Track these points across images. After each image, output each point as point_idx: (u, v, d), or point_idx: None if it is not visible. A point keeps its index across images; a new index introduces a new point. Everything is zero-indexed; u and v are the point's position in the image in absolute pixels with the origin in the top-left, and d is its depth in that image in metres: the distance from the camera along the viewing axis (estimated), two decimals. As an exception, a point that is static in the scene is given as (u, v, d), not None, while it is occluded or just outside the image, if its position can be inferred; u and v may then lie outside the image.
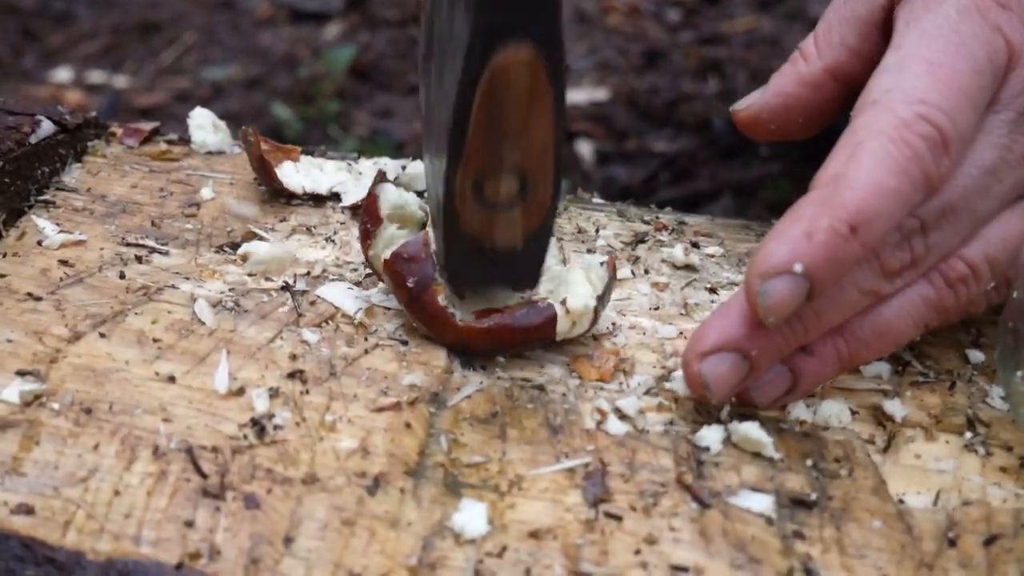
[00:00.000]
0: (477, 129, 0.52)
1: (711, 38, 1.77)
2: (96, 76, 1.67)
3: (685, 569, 0.49)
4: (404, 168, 0.70)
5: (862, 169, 0.52)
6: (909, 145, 0.52)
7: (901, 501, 0.53)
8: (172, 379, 0.56)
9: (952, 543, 0.51)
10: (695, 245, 0.69)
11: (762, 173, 1.40)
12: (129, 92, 1.64)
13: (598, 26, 1.85)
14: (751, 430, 0.54)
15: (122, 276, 0.62)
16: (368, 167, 0.71)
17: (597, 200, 0.75)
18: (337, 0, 1.90)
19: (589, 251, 0.68)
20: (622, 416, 0.56)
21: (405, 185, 0.68)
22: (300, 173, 0.70)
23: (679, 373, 0.59)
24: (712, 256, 0.69)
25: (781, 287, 0.51)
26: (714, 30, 1.81)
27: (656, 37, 1.80)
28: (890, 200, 0.52)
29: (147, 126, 0.74)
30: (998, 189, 0.57)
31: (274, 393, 0.55)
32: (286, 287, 0.62)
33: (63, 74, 1.66)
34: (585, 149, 1.49)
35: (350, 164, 0.72)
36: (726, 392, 0.53)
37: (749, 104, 0.64)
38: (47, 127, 0.68)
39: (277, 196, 0.70)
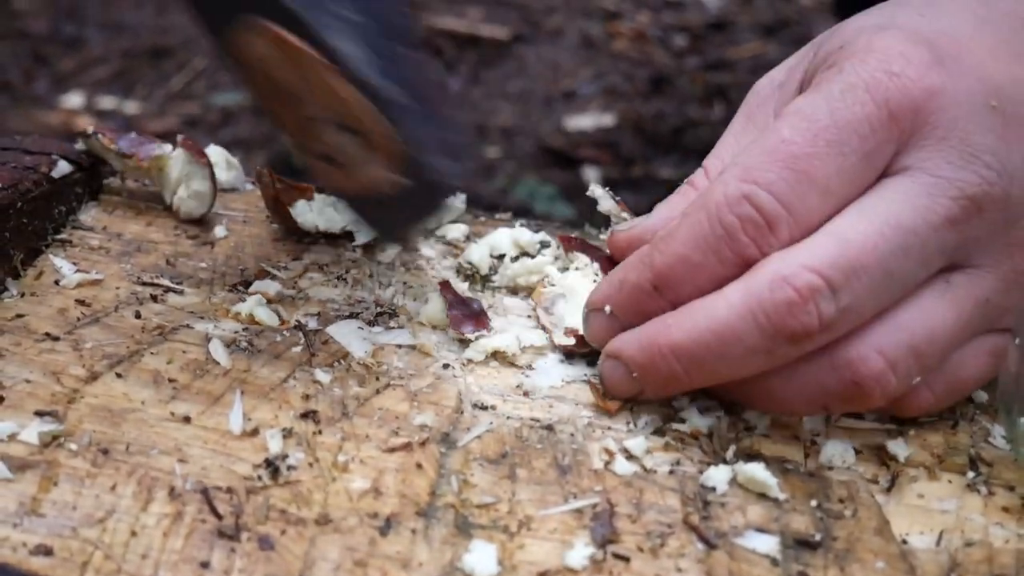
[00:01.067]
0: (266, 103, 0.56)
1: (717, 64, 1.78)
2: (107, 102, 1.69)
3: (692, 610, 0.50)
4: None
5: (675, 240, 0.57)
6: (723, 224, 0.55)
7: (904, 541, 0.54)
8: (187, 419, 0.57)
9: (955, 584, 0.52)
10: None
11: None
12: (139, 118, 1.65)
13: (604, 52, 1.87)
14: (756, 471, 0.55)
15: (138, 316, 0.63)
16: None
17: (603, 236, 0.76)
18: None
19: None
20: (629, 456, 0.57)
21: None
22: (314, 212, 0.71)
23: (686, 413, 0.60)
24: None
25: (596, 321, 0.61)
26: (720, 56, 1.82)
27: (662, 63, 1.82)
28: (694, 271, 0.56)
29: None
30: (919, 252, 0.55)
31: (287, 433, 0.56)
32: (299, 326, 0.63)
33: (75, 99, 1.68)
34: (592, 176, 1.50)
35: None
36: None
37: (631, 227, 0.64)
38: (64, 166, 0.69)
39: (290, 234, 0.71)
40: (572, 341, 0.63)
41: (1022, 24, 0.60)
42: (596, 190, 0.70)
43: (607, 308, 0.60)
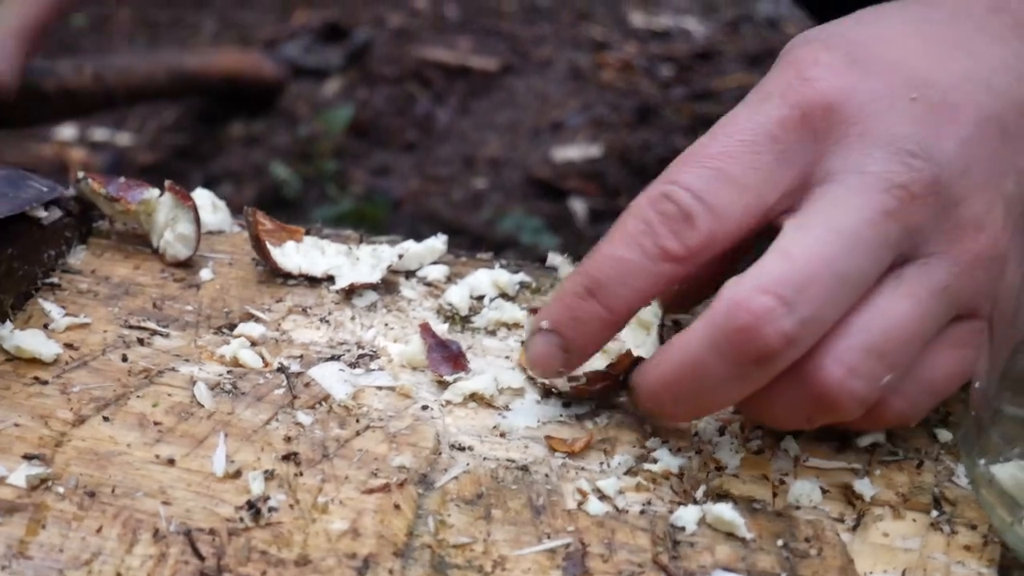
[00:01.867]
0: None
1: (703, 94, 1.81)
2: (99, 134, 1.71)
3: (659, 649, 0.52)
4: (400, 256, 0.73)
5: (605, 242, 0.60)
6: (644, 220, 0.58)
7: (868, 580, 0.56)
8: (172, 462, 0.59)
9: (915, 622, 0.54)
10: (676, 323, 0.72)
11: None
12: (131, 149, 1.67)
13: (592, 82, 1.89)
14: (724, 511, 0.57)
15: (124, 359, 0.65)
16: (367, 253, 0.74)
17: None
18: (336, 57, 1.94)
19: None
20: (602, 496, 0.59)
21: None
22: (300, 254, 0.73)
23: (658, 453, 0.61)
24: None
25: (537, 341, 0.61)
26: (706, 86, 1.84)
27: (648, 93, 1.84)
28: (622, 269, 0.59)
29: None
30: (865, 251, 0.56)
31: (269, 475, 0.58)
32: (281, 369, 0.65)
33: (67, 132, 1.69)
34: (579, 207, 1.52)
35: (350, 248, 0.75)
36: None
37: None
38: (54, 212, 0.71)
39: (274, 274, 0.72)
40: (582, 381, 0.64)
41: (967, 16, 0.62)
42: (555, 258, 0.74)
43: (544, 323, 0.61)
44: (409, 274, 0.74)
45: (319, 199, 1.50)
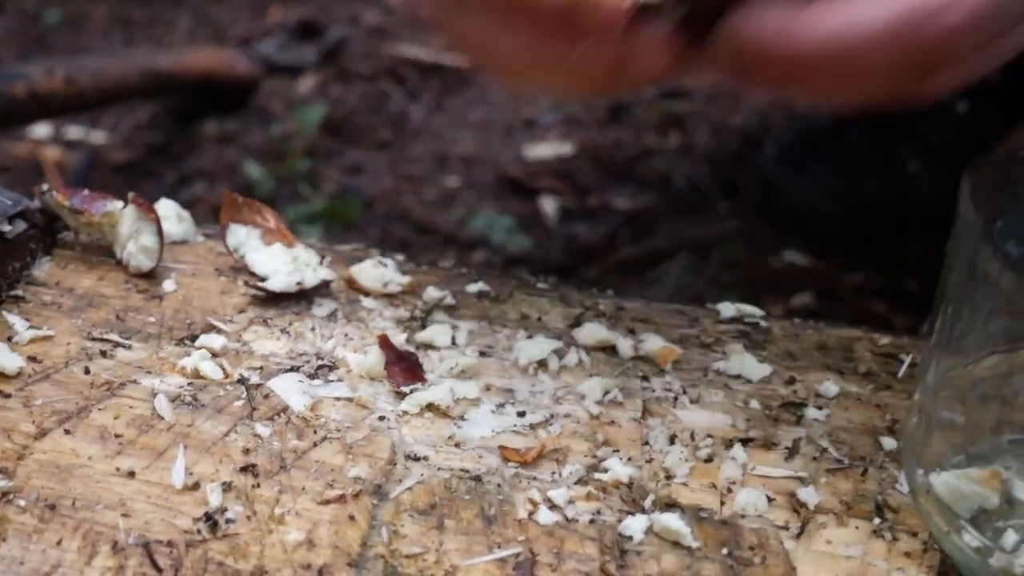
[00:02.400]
0: None
1: (674, 92, 1.82)
2: (74, 132, 1.71)
3: (604, 657, 0.53)
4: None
5: None
6: None
7: (809, 587, 0.57)
8: (132, 474, 0.60)
9: (853, 628, 0.56)
10: (631, 331, 0.74)
11: (719, 231, 1.45)
12: (106, 148, 1.68)
13: (565, 79, 1.90)
14: (671, 520, 0.59)
15: (87, 371, 0.66)
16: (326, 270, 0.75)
17: (540, 285, 0.79)
18: (311, 54, 1.95)
19: (529, 336, 0.72)
20: (552, 506, 0.60)
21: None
22: (276, 257, 0.74)
23: (609, 462, 0.63)
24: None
25: None
26: (676, 84, 1.85)
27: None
28: None
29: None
30: None
31: (227, 487, 0.59)
32: (241, 380, 0.66)
33: (41, 130, 1.70)
34: (549, 206, 1.54)
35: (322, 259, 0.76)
36: None
37: None
38: (19, 224, 0.72)
39: (235, 285, 0.74)
40: None
41: None
42: None
43: None
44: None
45: (292, 197, 1.51)
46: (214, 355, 0.68)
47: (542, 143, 1.71)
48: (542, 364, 0.70)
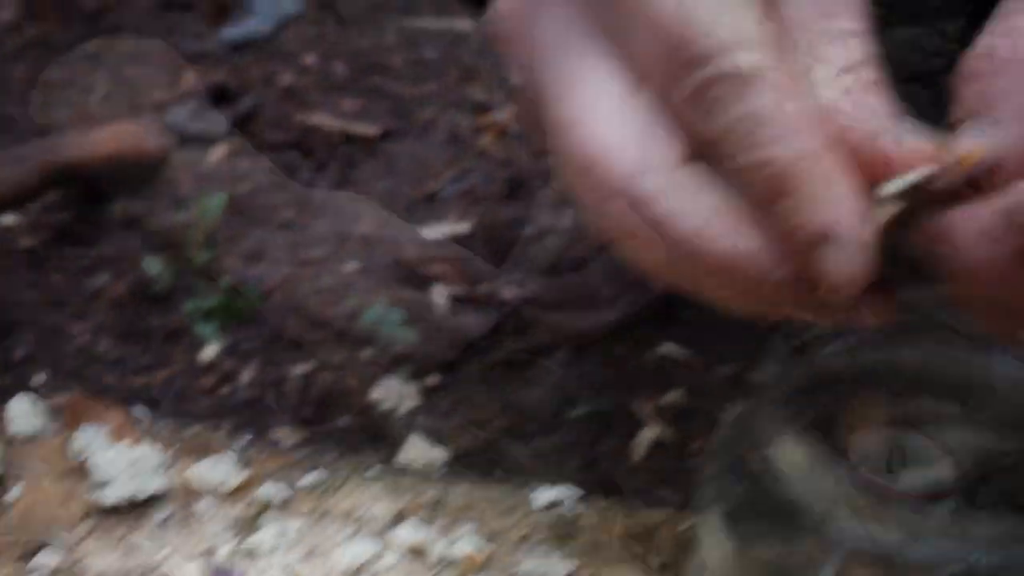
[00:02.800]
0: None
1: (572, 166, 1.87)
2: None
3: None
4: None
5: None
6: None
7: None
8: None
9: None
10: (449, 527, 0.80)
11: (602, 324, 1.51)
12: (12, 230, 1.72)
13: (470, 149, 1.95)
14: None
15: (-72, 598, 0.72)
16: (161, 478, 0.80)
17: (369, 473, 0.85)
18: (221, 122, 1.98)
19: (353, 535, 0.78)
20: None
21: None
22: (120, 459, 0.80)
23: None
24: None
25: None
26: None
27: (521, 163, 1.90)
28: None
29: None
30: None
31: None
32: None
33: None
34: (440, 295, 1.59)
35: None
36: None
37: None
38: None
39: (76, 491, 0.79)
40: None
41: None
42: None
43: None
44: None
45: (190, 291, 1.56)
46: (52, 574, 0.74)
47: (442, 221, 1.76)
48: (362, 567, 0.76)
